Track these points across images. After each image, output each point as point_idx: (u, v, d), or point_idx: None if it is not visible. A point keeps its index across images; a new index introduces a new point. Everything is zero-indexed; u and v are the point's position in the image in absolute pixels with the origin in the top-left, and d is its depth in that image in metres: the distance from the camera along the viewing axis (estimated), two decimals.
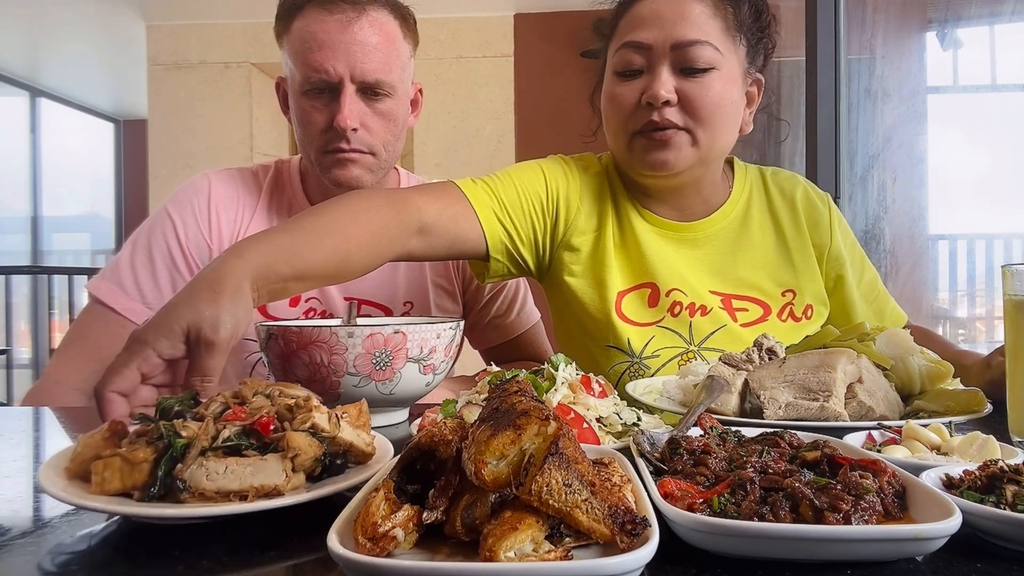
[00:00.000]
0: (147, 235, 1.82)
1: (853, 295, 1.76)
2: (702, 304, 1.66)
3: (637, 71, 1.57)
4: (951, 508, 0.67)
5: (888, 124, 3.77)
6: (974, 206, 4.20)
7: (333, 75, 1.66)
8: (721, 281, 1.69)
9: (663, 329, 1.64)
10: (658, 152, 1.56)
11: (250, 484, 0.77)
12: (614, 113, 1.61)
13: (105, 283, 1.77)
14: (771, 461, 0.79)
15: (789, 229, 1.73)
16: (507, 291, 2.05)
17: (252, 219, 1.85)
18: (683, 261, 1.69)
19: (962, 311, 4.50)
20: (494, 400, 0.72)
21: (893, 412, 1.25)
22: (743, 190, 1.76)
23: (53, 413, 1.54)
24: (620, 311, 1.64)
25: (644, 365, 1.62)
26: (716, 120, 1.55)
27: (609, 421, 1.11)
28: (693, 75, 1.53)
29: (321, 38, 1.65)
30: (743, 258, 1.71)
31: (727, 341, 1.63)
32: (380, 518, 0.62)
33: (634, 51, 1.56)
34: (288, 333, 1.24)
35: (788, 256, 1.72)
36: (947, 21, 4.01)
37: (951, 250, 4.48)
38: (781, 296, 1.69)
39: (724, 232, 1.72)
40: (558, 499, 0.61)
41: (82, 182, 10.13)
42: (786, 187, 1.78)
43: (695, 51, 1.52)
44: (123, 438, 0.84)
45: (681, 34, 1.52)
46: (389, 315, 1.89)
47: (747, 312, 1.68)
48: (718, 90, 1.54)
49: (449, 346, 1.35)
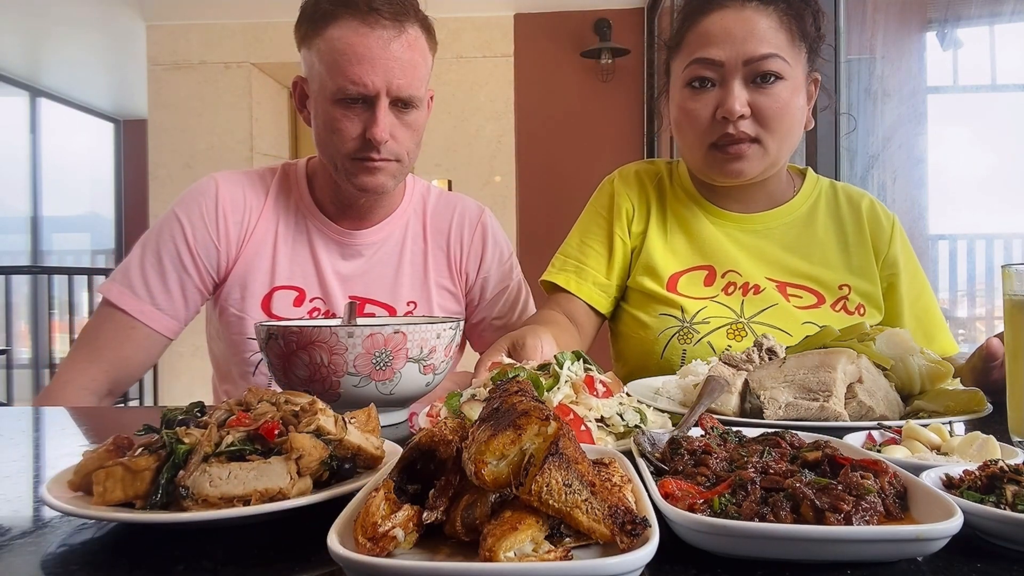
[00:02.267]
0: (156, 238, 1.85)
1: (903, 306, 1.81)
2: (755, 284, 1.75)
3: (709, 85, 1.65)
4: (952, 508, 0.67)
5: (888, 124, 3.77)
6: (974, 206, 4.20)
7: (371, 89, 1.69)
8: (779, 270, 1.78)
9: (716, 303, 1.74)
10: (733, 164, 1.67)
11: (254, 488, 0.76)
12: (689, 126, 1.70)
13: (116, 285, 1.81)
14: (772, 461, 0.79)
15: (852, 234, 1.81)
16: (509, 292, 2.08)
17: (259, 221, 1.88)
18: (742, 249, 1.79)
19: (962, 311, 4.50)
20: (494, 400, 0.72)
21: (893, 412, 1.25)
22: (811, 194, 1.86)
23: (59, 413, 1.55)
24: (675, 289, 1.76)
25: (694, 329, 1.70)
26: (785, 127, 1.65)
27: (611, 422, 1.10)
28: (763, 87, 1.62)
29: (361, 52, 1.68)
30: (804, 252, 1.79)
31: (778, 318, 1.71)
32: (380, 518, 0.62)
33: (706, 67, 1.64)
34: (288, 333, 1.24)
35: (848, 257, 1.80)
36: (947, 21, 4.00)
37: (951, 250, 4.48)
38: (837, 289, 1.76)
39: (787, 227, 1.82)
40: (558, 499, 0.61)
41: (82, 182, 10.14)
42: (854, 196, 1.87)
43: (765, 64, 1.61)
44: (127, 451, 0.83)
45: (752, 50, 1.60)
46: (393, 314, 1.91)
47: (800, 299, 1.75)
48: (786, 99, 1.63)
49: (449, 346, 1.35)
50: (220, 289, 1.87)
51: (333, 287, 1.88)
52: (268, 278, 1.86)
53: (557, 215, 5.99)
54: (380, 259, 1.94)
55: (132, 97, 8.71)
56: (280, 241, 1.88)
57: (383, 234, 1.95)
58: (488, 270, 2.05)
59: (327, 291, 1.88)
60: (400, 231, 1.97)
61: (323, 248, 1.90)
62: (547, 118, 6.44)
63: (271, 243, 1.87)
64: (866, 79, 3.76)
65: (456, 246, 2.01)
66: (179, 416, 0.88)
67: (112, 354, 1.77)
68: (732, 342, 1.68)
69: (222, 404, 0.90)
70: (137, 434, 0.88)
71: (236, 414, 0.86)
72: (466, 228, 2.03)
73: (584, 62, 6.36)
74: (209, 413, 0.88)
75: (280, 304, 1.86)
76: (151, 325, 1.79)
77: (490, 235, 2.06)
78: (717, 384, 1.24)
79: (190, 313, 1.87)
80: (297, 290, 1.87)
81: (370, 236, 1.93)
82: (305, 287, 1.88)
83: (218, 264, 1.84)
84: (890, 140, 3.76)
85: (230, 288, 1.85)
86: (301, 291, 1.87)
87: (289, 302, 1.86)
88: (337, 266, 1.90)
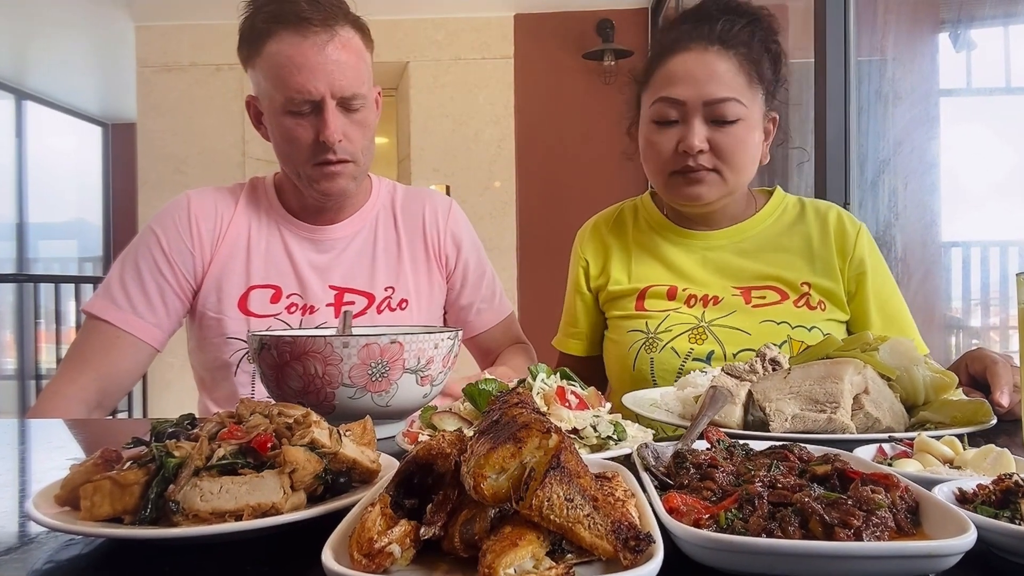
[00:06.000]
0: (134, 252, 1.97)
1: (869, 305, 1.91)
2: (715, 296, 1.92)
3: (672, 121, 1.83)
4: (966, 524, 0.67)
5: (900, 128, 3.77)
6: (988, 212, 4.19)
7: (316, 94, 1.80)
8: (743, 277, 1.94)
9: (678, 313, 1.91)
10: (692, 188, 1.85)
11: (246, 503, 0.76)
12: (653, 157, 1.89)
13: (99, 300, 1.91)
14: (780, 475, 0.80)
15: (817, 240, 1.96)
16: (487, 275, 2.25)
17: (230, 225, 1.99)
18: (706, 266, 1.98)
19: (975, 320, 4.48)
20: (494, 412, 0.72)
21: (899, 424, 1.25)
22: (775, 209, 2.03)
23: (46, 425, 1.57)
24: (642, 307, 1.96)
25: (658, 338, 1.87)
26: (741, 161, 1.84)
27: (585, 434, 1.13)
28: (721, 127, 1.80)
29: (300, 61, 1.79)
30: (767, 259, 1.96)
31: (737, 320, 1.86)
32: (376, 533, 0.62)
33: (669, 105, 1.82)
34: (281, 343, 1.24)
35: (812, 260, 1.94)
36: (960, 22, 4.01)
37: (964, 257, 4.47)
38: (799, 287, 1.91)
39: (751, 238, 1.99)
40: (559, 514, 0.61)
41: (69, 188, 10.15)
42: (821, 208, 2.03)
43: (724, 107, 1.79)
44: (116, 464, 0.83)
45: (711, 92, 1.78)
46: (372, 301, 2.01)
47: (764, 298, 1.91)
48: (743, 137, 1.82)
49: (447, 356, 1.35)
50: (198, 296, 1.96)
51: (310, 279, 1.98)
52: (243, 279, 1.95)
53: (558, 222, 6.00)
54: (354, 250, 2.05)
55: (121, 100, 8.72)
56: (253, 243, 1.98)
57: (354, 227, 2.07)
58: (468, 252, 2.19)
59: (304, 285, 1.98)
60: (370, 223, 2.09)
61: (296, 245, 2.01)
62: (548, 122, 6.44)
63: (244, 245, 1.98)
64: (877, 81, 3.76)
65: (432, 230, 2.14)
66: (169, 428, 0.88)
67: (99, 364, 1.85)
68: (693, 345, 1.83)
69: (213, 416, 0.90)
70: (126, 447, 0.88)
71: (228, 426, 0.86)
72: (439, 213, 2.17)
73: (586, 64, 6.37)
74: (200, 425, 0.88)
75: (257, 303, 1.95)
76: (135, 334, 1.87)
77: (461, 221, 2.22)
78: (721, 395, 1.24)
79: (172, 321, 1.96)
80: (273, 288, 1.97)
81: (341, 230, 2.05)
82: (281, 284, 1.97)
83: (194, 269, 1.94)
84: (901, 144, 3.76)
85: (207, 292, 1.95)
86: (277, 288, 1.97)
87: (266, 300, 1.95)
88: (311, 259, 2.01)
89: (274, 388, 1.31)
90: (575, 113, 6.40)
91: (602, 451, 1.10)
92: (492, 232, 6.31)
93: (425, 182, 6.36)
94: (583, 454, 1.07)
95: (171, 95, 6.59)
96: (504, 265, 6.32)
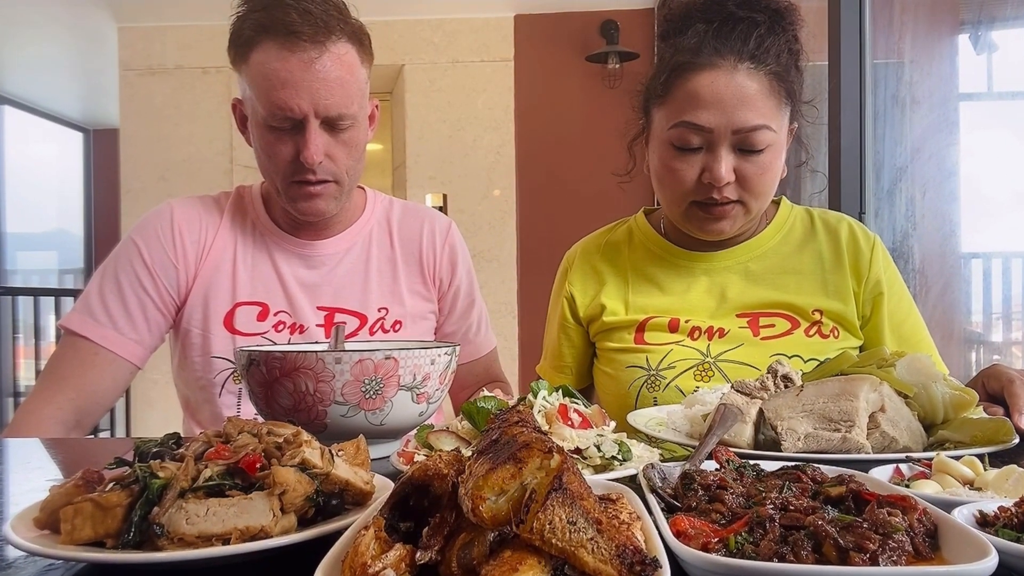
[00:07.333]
0: (114, 264, 1.94)
1: (884, 327, 1.86)
2: (720, 327, 1.85)
3: (695, 148, 1.73)
4: (986, 548, 0.67)
5: (917, 134, 3.78)
6: (1010, 222, 4.19)
7: (298, 113, 1.77)
8: (749, 304, 1.87)
9: (682, 347, 1.84)
10: (715, 223, 1.78)
11: (234, 526, 0.76)
12: (672, 184, 1.79)
13: (76, 315, 1.88)
14: (792, 497, 0.80)
15: (829, 259, 1.89)
16: (476, 305, 2.21)
17: (215, 239, 1.97)
18: (709, 292, 1.90)
19: (997, 335, 4.48)
20: (493, 431, 0.73)
21: (917, 443, 1.25)
22: (784, 224, 1.96)
23: (24, 445, 1.57)
24: (642, 340, 1.87)
25: (660, 376, 1.81)
26: (767, 189, 1.77)
27: (588, 453, 1.12)
28: (749, 155, 1.71)
29: (284, 76, 1.75)
30: (776, 282, 1.89)
31: (746, 355, 1.81)
32: (370, 558, 0.63)
33: (693, 131, 1.71)
34: (271, 359, 1.25)
35: (824, 283, 1.87)
36: (981, 23, 4.02)
37: (985, 269, 4.47)
38: (811, 314, 1.84)
39: (758, 259, 1.92)
40: (562, 537, 0.61)
41: (49, 196, 10.14)
42: (831, 221, 1.96)
43: (754, 136, 1.69)
44: (97, 486, 0.83)
45: (742, 121, 1.68)
46: (364, 322, 1.99)
47: (773, 327, 1.85)
48: (770, 164, 1.74)
49: (444, 373, 1.35)
50: (182, 312, 1.94)
51: (298, 297, 1.96)
52: (229, 295, 1.93)
53: (560, 231, 5.98)
54: (346, 268, 2.03)
55: (103, 104, 8.72)
56: (239, 258, 1.96)
57: (345, 244, 2.04)
58: (460, 279, 2.16)
59: (292, 302, 1.96)
60: (363, 240, 2.07)
61: (284, 261, 1.99)
62: (550, 127, 6.45)
63: (230, 260, 1.96)
64: (894, 85, 3.77)
65: (429, 253, 2.11)
66: (153, 448, 0.88)
67: (77, 383, 1.82)
68: (699, 383, 1.76)
69: (200, 435, 0.90)
70: (108, 467, 0.88)
71: (215, 446, 0.86)
72: (437, 236, 2.14)
73: (589, 67, 6.38)
74: (186, 445, 0.88)
75: (243, 320, 1.93)
76: (114, 350, 1.85)
77: (459, 245, 2.18)
78: (730, 413, 1.24)
79: (154, 338, 1.94)
80: (260, 305, 1.95)
81: (331, 246, 2.02)
82: (268, 301, 1.95)
83: (178, 283, 1.92)
84: (919, 151, 3.77)
85: (191, 309, 1.93)
86: (264, 306, 1.95)
87: (252, 317, 1.94)
88: (300, 276, 1.99)
89: (263, 406, 1.31)
90: (578, 118, 6.41)
91: (606, 472, 1.10)
92: (491, 242, 6.32)
93: (421, 190, 6.37)
94: (586, 475, 1.07)
95: (155, 99, 6.59)
96: (504, 277, 6.32)
